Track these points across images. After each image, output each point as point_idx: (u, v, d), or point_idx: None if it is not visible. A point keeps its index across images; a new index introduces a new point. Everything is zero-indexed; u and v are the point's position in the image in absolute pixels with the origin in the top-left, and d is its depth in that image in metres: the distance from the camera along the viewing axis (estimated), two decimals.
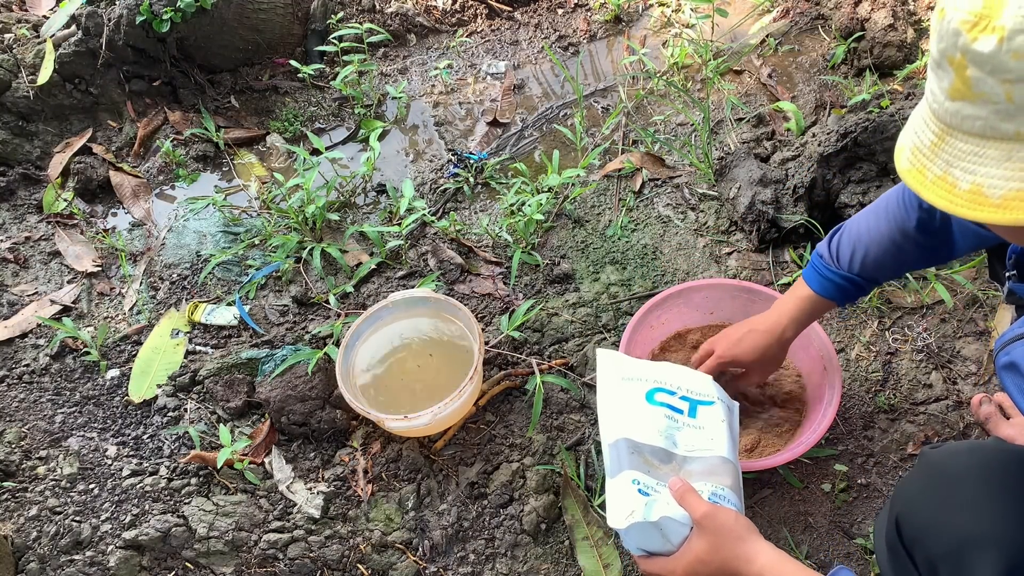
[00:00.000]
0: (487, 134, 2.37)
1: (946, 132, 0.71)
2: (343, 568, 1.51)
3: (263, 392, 1.71)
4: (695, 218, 2.05)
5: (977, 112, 0.67)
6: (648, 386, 1.29)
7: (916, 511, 0.98)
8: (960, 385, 1.65)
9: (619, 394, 1.28)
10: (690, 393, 1.31)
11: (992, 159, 0.67)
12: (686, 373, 1.34)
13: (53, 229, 2.20)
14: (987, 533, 0.89)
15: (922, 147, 0.74)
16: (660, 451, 1.21)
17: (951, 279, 1.78)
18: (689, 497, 1.13)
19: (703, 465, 1.22)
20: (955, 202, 0.70)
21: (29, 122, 2.39)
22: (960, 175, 0.69)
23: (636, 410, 1.26)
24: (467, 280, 1.97)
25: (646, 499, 1.14)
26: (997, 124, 0.66)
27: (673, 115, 2.32)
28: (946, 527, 0.93)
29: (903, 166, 0.76)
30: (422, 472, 1.62)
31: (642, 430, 1.22)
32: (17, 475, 1.66)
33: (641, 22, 2.67)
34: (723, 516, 1.10)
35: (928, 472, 1.01)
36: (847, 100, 2.17)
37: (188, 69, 2.47)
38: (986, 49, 0.64)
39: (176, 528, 1.52)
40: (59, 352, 1.89)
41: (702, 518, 1.10)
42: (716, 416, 1.29)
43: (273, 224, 2.12)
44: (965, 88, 0.67)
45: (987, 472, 0.95)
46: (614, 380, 1.31)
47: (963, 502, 0.93)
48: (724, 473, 1.21)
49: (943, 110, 0.71)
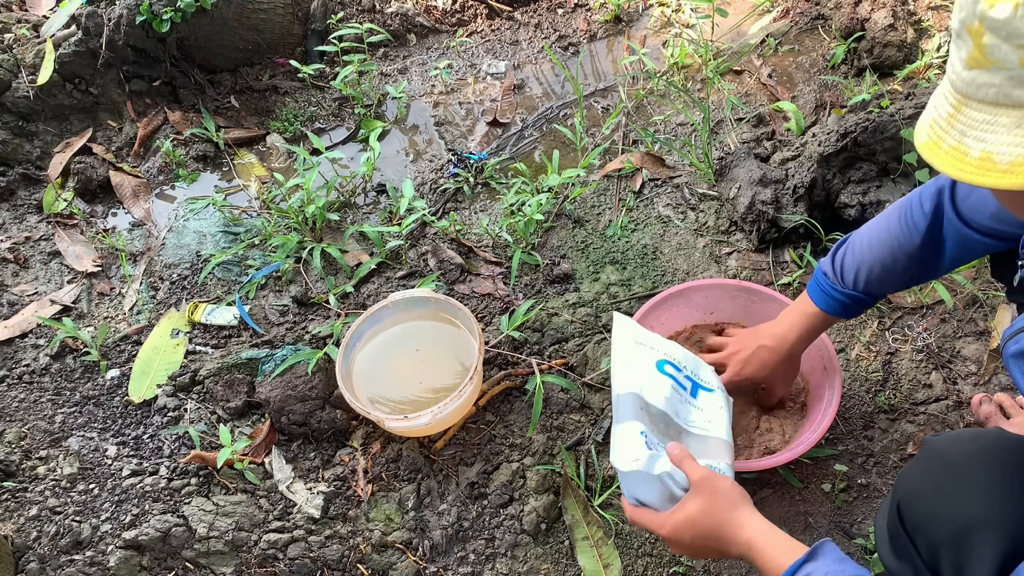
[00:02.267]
0: (487, 134, 2.37)
1: (962, 103, 0.72)
2: (343, 568, 1.51)
3: (263, 392, 1.71)
4: (695, 218, 2.05)
5: (991, 79, 0.68)
6: (658, 355, 1.35)
7: (918, 497, 0.99)
8: (960, 385, 1.65)
9: (633, 355, 1.33)
10: (694, 375, 1.39)
11: (1003, 126, 0.68)
12: (692, 357, 1.41)
13: (53, 229, 2.20)
14: (988, 518, 0.89)
15: (939, 120, 0.75)
16: (664, 415, 1.27)
17: (951, 279, 1.78)
18: (687, 461, 1.16)
19: (701, 443, 1.28)
20: (966, 170, 0.71)
21: (29, 122, 2.39)
22: (972, 143, 0.71)
23: (647, 373, 1.31)
24: (467, 280, 1.97)
25: (651, 452, 1.16)
26: (1010, 91, 0.68)
27: (673, 115, 2.32)
28: (948, 512, 0.93)
29: (921, 140, 0.78)
30: (422, 472, 1.62)
31: (651, 391, 1.28)
32: (17, 475, 1.66)
33: (641, 22, 2.66)
34: (720, 481, 1.12)
35: (930, 458, 1.02)
36: (847, 100, 2.17)
37: (188, 69, 2.47)
38: (1002, 15, 0.65)
39: (176, 528, 1.52)
40: (59, 352, 1.89)
41: (699, 480, 1.12)
42: (715, 403, 1.36)
43: (273, 224, 2.12)
44: (981, 56, 0.68)
45: (988, 458, 0.96)
46: (628, 342, 1.36)
47: (965, 488, 0.94)
48: (721, 453, 1.27)
49: (960, 80, 0.72)
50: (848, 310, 1.35)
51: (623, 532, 1.53)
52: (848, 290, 1.32)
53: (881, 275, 1.28)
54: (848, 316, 1.37)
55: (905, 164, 1.84)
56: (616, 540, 1.51)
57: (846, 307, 1.35)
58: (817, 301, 1.37)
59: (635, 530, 1.53)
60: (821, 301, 1.36)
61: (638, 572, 1.48)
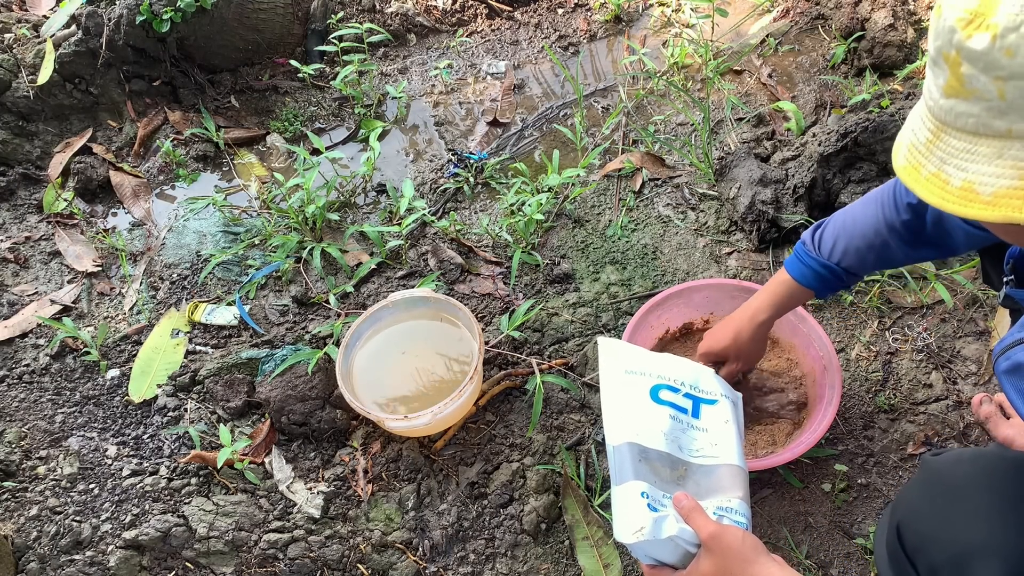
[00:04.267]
0: (487, 134, 2.37)
1: (941, 129, 0.72)
2: (343, 568, 1.51)
3: (263, 392, 1.72)
4: (695, 218, 2.05)
5: (970, 109, 0.68)
6: (652, 382, 1.28)
7: (918, 519, 0.98)
8: (960, 385, 1.65)
9: (623, 390, 1.26)
10: (693, 390, 1.30)
11: (984, 156, 0.68)
12: (688, 366, 1.34)
13: (53, 229, 2.20)
14: (988, 542, 0.89)
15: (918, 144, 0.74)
16: (666, 456, 1.19)
17: (951, 279, 1.78)
18: (695, 516, 1.11)
19: (710, 477, 1.20)
20: (947, 199, 0.70)
21: (29, 122, 2.39)
22: (953, 172, 0.70)
23: (641, 410, 1.24)
24: (467, 280, 1.97)
25: (655, 515, 1.11)
26: (989, 121, 0.67)
27: (673, 115, 2.32)
28: (948, 535, 0.93)
29: (899, 163, 0.77)
30: (422, 472, 1.62)
31: (648, 433, 1.20)
32: (17, 475, 1.66)
33: (641, 22, 2.67)
34: (729, 537, 1.08)
35: (929, 480, 1.01)
36: (847, 100, 2.17)
37: (188, 69, 2.47)
38: (979, 46, 0.64)
39: (176, 528, 1.52)
40: (59, 352, 1.89)
41: (708, 539, 1.08)
42: (720, 416, 1.28)
43: (273, 224, 2.12)
44: (959, 85, 0.68)
45: (989, 480, 0.95)
46: (617, 373, 1.29)
47: (965, 511, 0.93)
48: (731, 485, 1.19)
49: (938, 107, 0.71)
50: (822, 281, 1.33)
51: None
52: (824, 260, 1.31)
53: (860, 249, 1.27)
54: (820, 291, 1.35)
55: None
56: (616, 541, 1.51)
57: (820, 278, 1.33)
58: (791, 270, 1.36)
59: None
60: (795, 270, 1.35)
61: (638, 572, 1.48)
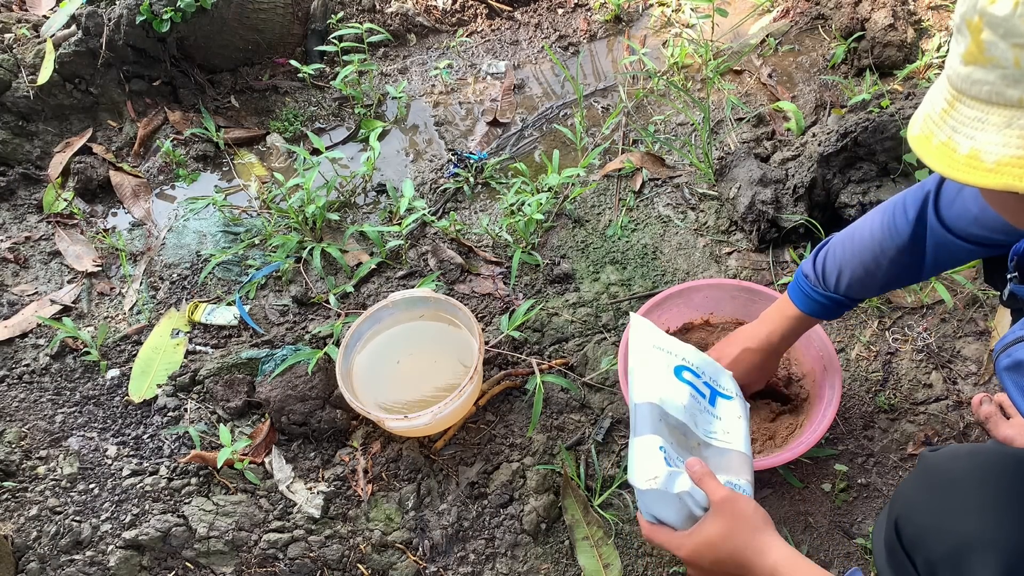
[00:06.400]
0: (487, 134, 2.37)
1: (956, 99, 0.73)
2: (343, 568, 1.51)
3: (263, 392, 1.72)
4: (695, 218, 2.05)
5: (986, 76, 0.68)
6: (677, 361, 1.32)
7: (916, 514, 0.98)
8: (960, 385, 1.65)
9: (651, 360, 1.30)
10: (712, 382, 1.35)
11: (993, 125, 0.68)
12: (712, 362, 1.38)
13: (53, 229, 2.20)
14: (986, 536, 0.89)
15: (933, 115, 0.75)
16: (683, 426, 1.23)
17: (951, 279, 1.78)
18: (707, 480, 1.12)
19: (721, 457, 1.23)
20: (953, 166, 0.71)
21: (29, 122, 2.39)
22: (962, 140, 0.71)
23: (666, 380, 1.27)
24: (467, 280, 1.97)
25: (670, 469, 1.13)
26: (1003, 89, 0.67)
27: (673, 115, 2.32)
28: (945, 530, 0.93)
29: (913, 133, 0.78)
30: (422, 472, 1.62)
31: (670, 401, 1.24)
32: (17, 475, 1.66)
33: (641, 22, 2.66)
34: (742, 503, 1.09)
35: (927, 475, 1.01)
36: (847, 100, 2.17)
37: (188, 69, 2.47)
38: (1002, 12, 0.65)
39: (176, 528, 1.52)
40: (59, 352, 1.89)
41: (721, 501, 1.09)
42: (733, 411, 1.31)
43: (273, 224, 2.12)
44: (978, 52, 0.68)
45: (986, 475, 0.95)
46: (646, 345, 1.33)
47: (962, 505, 0.94)
48: (741, 468, 1.22)
49: (956, 75, 0.72)
50: (829, 312, 1.36)
51: (623, 532, 1.53)
52: (829, 292, 1.33)
53: (863, 278, 1.28)
54: (829, 318, 1.38)
55: (905, 164, 1.84)
56: (616, 540, 1.51)
57: (827, 309, 1.35)
58: (798, 303, 1.38)
59: (635, 530, 1.53)
60: (802, 303, 1.37)
61: (638, 572, 1.48)
